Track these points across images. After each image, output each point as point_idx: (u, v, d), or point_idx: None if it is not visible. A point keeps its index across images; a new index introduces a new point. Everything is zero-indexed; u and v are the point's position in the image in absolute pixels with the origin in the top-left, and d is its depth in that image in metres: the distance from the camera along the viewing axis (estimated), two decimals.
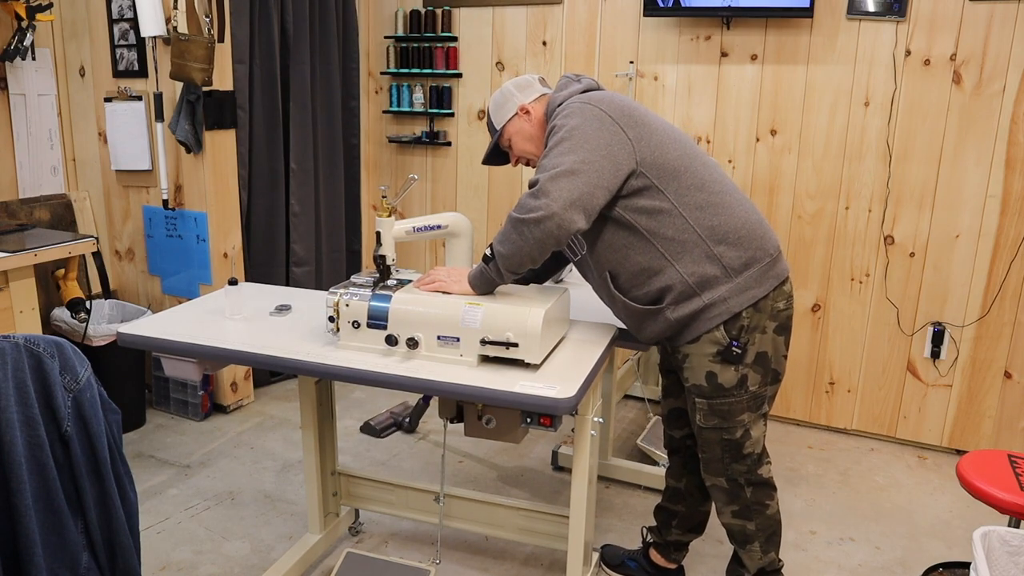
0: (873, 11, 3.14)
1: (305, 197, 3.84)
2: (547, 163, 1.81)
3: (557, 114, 1.90)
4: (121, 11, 3.38)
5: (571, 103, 1.90)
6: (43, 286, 3.21)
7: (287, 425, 3.50)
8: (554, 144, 1.83)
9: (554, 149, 1.82)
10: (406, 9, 4.03)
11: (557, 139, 1.83)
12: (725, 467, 2.02)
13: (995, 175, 3.08)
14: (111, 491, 1.32)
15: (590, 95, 1.92)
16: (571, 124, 1.83)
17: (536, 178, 1.80)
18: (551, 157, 1.81)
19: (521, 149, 2.06)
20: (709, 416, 1.97)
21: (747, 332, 1.90)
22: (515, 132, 2.05)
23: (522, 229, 1.78)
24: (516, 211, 1.80)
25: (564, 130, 1.83)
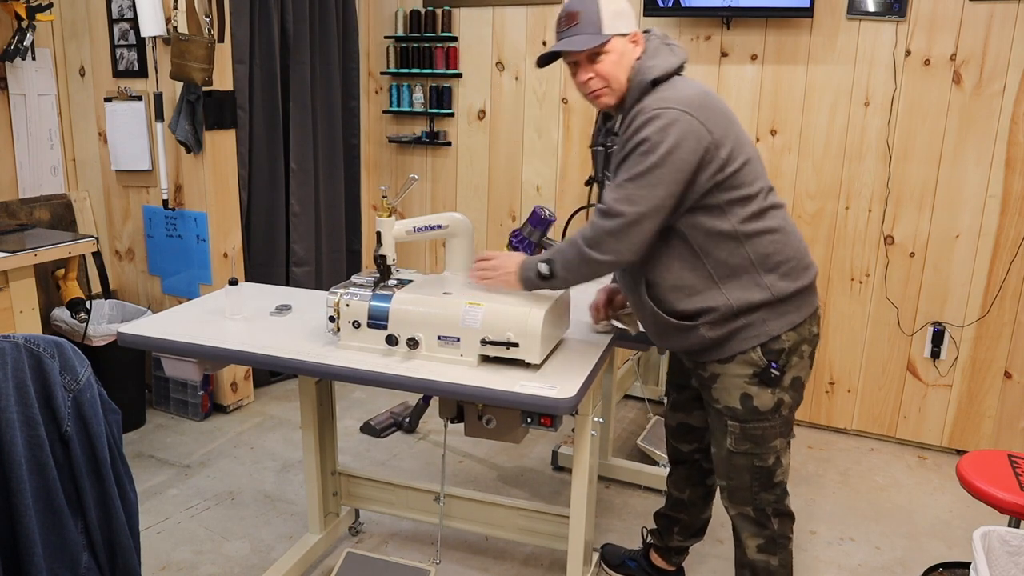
0: (873, 11, 3.13)
1: (305, 197, 3.84)
2: (633, 191, 1.69)
3: (655, 115, 1.69)
4: (121, 11, 3.38)
5: (672, 110, 1.69)
6: (43, 286, 3.21)
7: (287, 425, 3.50)
8: (645, 166, 1.68)
9: (646, 175, 1.69)
10: (406, 9, 4.03)
11: (649, 163, 1.68)
12: (753, 496, 1.94)
13: (995, 175, 3.08)
14: (111, 491, 1.32)
15: (691, 98, 1.73)
16: (668, 144, 1.67)
17: (617, 208, 1.71)
18: (639, 184, 1.69)
19: (608, 73, 1.78)
20: (741, 440, 1.88)
21: (786, 355, 1.84)
22: (618, 53, 1.78)
23: (594, 266, 1.76)
24: (590, 246, 1.74)
25: (659, 152, 1.67)
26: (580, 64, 1.81)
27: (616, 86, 1.79)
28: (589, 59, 1.78)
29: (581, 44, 1.76)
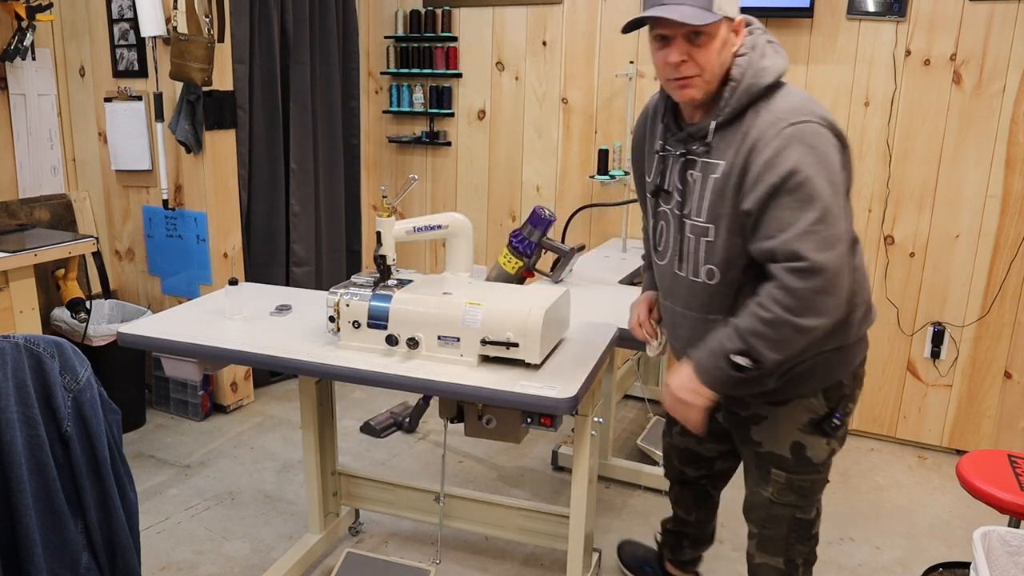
0: (873, 11, 3.13)
1: (305, 197, 3.84)
2: (825, 233, 1.42)
3: (797, 132, 1.45)
4: (121, 11, 3.38)
5: (812, 123, 1.47)
6: (43, 286, 3.21)
7: (287, 425, 3.50)
8: (817, 213, 1.42)
9: (824, 219, 1.42)
10: (406, 9, 4.03)
11: (821, 210, 1.42)
12: (788, 547, 1.79)
13: (995, 175, 3.08)
14: (111, 491, 1.32)
15: (820, 110, 1.52)
16: (829, 165, 1.45)
17: (819, 261, 1.41)
18: (827, 222, 1.43)
19: (706, 61, 1.50)
20: (786, 492, 1.71)
21: (846, 402, 1.68)
22: (721, 40, 1.51)
23: (811, 335, 1.47)
24: (801, 314, 1.43)
25: (826, 192, 1.43)
26: (674, 41, 1.49)
27: (709, 78, 1.52)
28: (688, 38, 1.48)
29: (692, 16, 1.44)
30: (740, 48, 1.54)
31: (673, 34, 1.49)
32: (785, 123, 1.46)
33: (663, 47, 1.53)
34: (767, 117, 1.49)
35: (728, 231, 1.55)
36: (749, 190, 1.48)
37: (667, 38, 1.51)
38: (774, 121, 1.48)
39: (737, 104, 1.52)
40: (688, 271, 1.65)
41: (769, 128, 1.47)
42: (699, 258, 1.61)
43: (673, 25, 1.47)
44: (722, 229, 1.56)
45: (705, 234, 1.59)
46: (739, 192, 1.51)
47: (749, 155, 1.48)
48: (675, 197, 1.64)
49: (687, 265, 1.65)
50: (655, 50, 1.55)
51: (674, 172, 1.63)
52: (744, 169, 1.49)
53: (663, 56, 1.53)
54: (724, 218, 1.54)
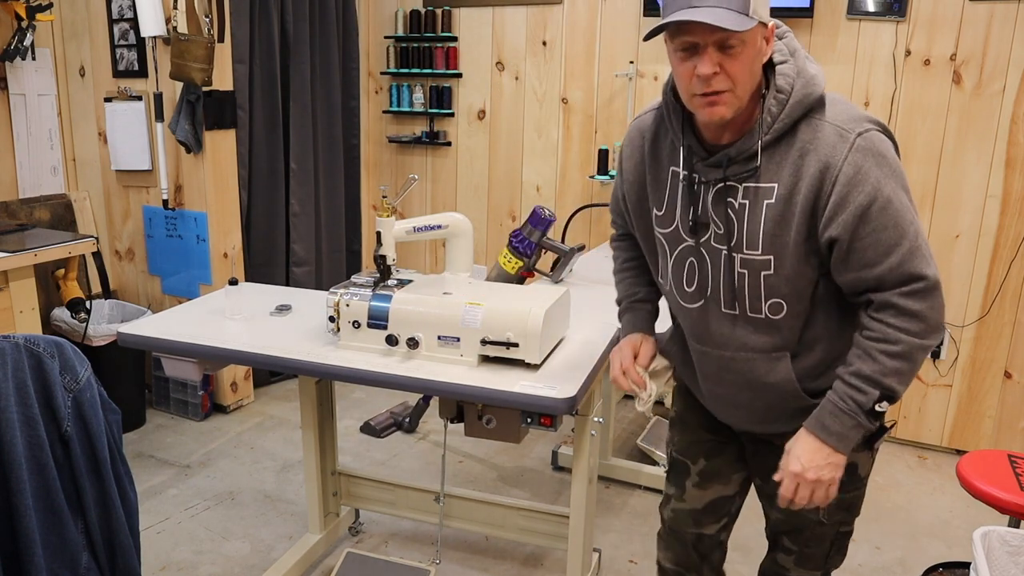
0: (873, 11, 3.14)
1: (305, 197, 3.84)
2: (923, 243, 1.32)
3: (868, 142, 1.31)
4: (121, 11, 3.38)
5: (873, 131, 1.34)
6: (43, 286, 3.21)
7: (287, 425, 3.50)
8: (913, 228, 1.32)
9: (919, 232, 1.32)
10: (406, 9, 4.03)
11: (915, 223, 1.32)
12: (826, 561, 1.70)
13: (995, 175, 3.08)
14: (111, 491, 1.32)
15: (878, 120, 1.38)
16: (904, 191, 1.33)
17: (934, 275, 1.32)
18: (919, 232, 1.32)
19: (739, 73, 1.30)
20: (836, 512, 1.60)
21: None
22: (755, 49, 1.31)
23: (920, 358, 1.36)
24: (930, 334, 1.33)
25: (909, 204, 1.33)
26: (704, 50, 1.28)
27: (741, 93, 1.31)
28: (720, 46, 1.27)
29: (730, 21, 1.24)
30: (774, 55, 1.36)
31: (704, 42, 1.27)
32: (853, 134, 1.31)
33: (689, 57, 1.30)
34: (829, 129, 1.32)
35: (796, 260, 1.36)
36: (833, 215, 1.31)
37: (695, 47, 1.28)
38: (841, 133, 1.31)
39: (789, 118, 1.33)
40: (743, 309, 1.44)
41: (839, 143, 1.31)
42: (760, 293, 1.41)
43: (704, 31, 1.26)
44: (787, 259, 1.36)
45: (766, 267, 1.38)
46: (812, 217, 1.33)
47: (821, 175, 1.31)
48: (712, 230, 1.42)
49: (741, 304, 1.44)
50: (679, 61, 1.32)
51: (707, 202, 1.42)
52: (817, 191, 1.31)
53: (690, 68, 1.30)
54: (788, 247, 1.35)
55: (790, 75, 1.34)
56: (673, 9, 1.28)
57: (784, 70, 1.35)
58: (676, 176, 1.47)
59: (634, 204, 1.58)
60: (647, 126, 1.55)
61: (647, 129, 1.54)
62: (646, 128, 1.54)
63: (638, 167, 1.55)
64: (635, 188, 1.56)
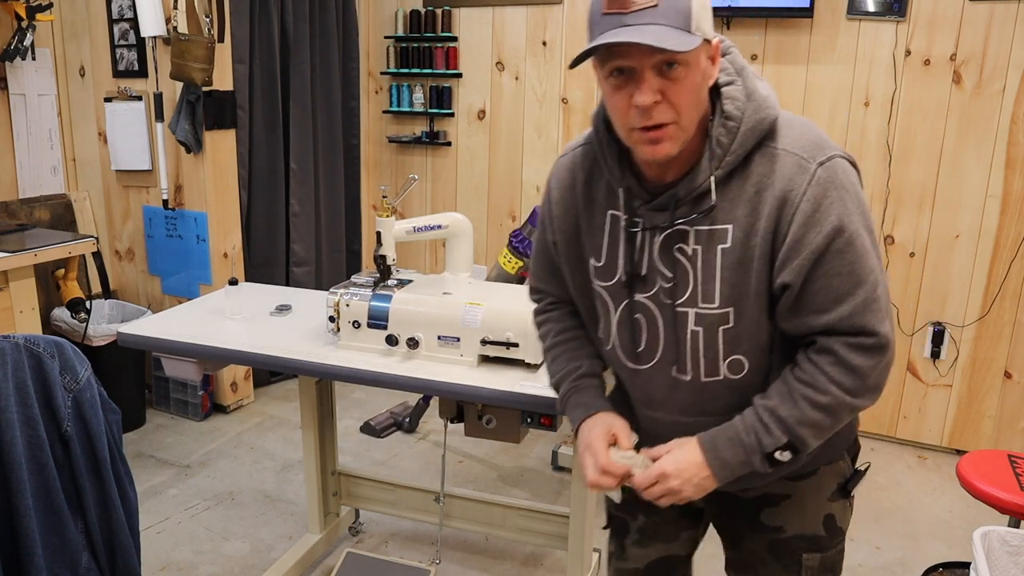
0: (873, 11, 3.13)
1: (305, 197, 3.84)
2: (882, 297, 1.16)
3: (829, 181, 1.14)
4: (121, 11, 3.38)
5: (837, 158, 1.17)
6: (43, 286, 3.21)
7: (287, 425, 3.50)
8: (872, 276, 1.15)
9: (878, 281, 1.16)
10: (406, 9, 4.03)
11: (874, 271, 1.15)
12: None
13: (995, 175, 3.08)
14: (111, 491, 1.32)
15: (838, 146, 1.21)
16: (866, 230, 1.16)
17: (886, 334, 1.16)
18: (879, 285, 1.16)
19: (683, 100, 1.10)
20: (820, 572, 1.44)
21: (858, 450, 1.43)
22: (701, 72, 1.12)
23: (856, 413, 1.27)
24: (861, 394, 1.18)
25: (871, 246, 1.16)
26: (641, 76, 1.08)
27: (687, 124, 1.13)
28: (659, 70, 1.08)
29: (670, 40, 1.04)
30: (720, 76, 1.17)
31: (641, 66, 1.07)
32: (814, 164, 1.14)
33: (624, 84, 1.10)
34: (788, 159, 1.14)
35: (757, 311, 1.19)
36: (788, 257, 1.14)
37: (629, 72, 1.09)
38: (799, 164, 1.14)
39: (742, 148, 1.15)
40: (699, 371, 1.25)
41: (797, 174, 1.14)
42: (717, 352, 1.22)
43: (641, 54, 1.06)
44: (748, 310, 1.19)
45: (724, 321, 1.20)
46: (771, 260, 1.16)
47: (779, 212, 1.13)
48: (659, 283, 1.22)
49: (695, 365, 1.24)
50: (611, 90, 1.12)
51: (653, 250, 1.22)
52: (774, 231, 1.14)
53: (625, 97, 1.10)
54: (749, 296, 1.18)
55: (739, 98, 1.16)
56: (602, 29, 1.07)
57: (732, 93, 1.16)
58: (616, 221, 1.26)
59: (568, 255, 1.35)
60: (578, 163, 1.32)
61: (578, 167, 1.32)
62: (577, 166, 1.32)
63: (570, 212, 1.32)
64: (568, 237, 1.33)
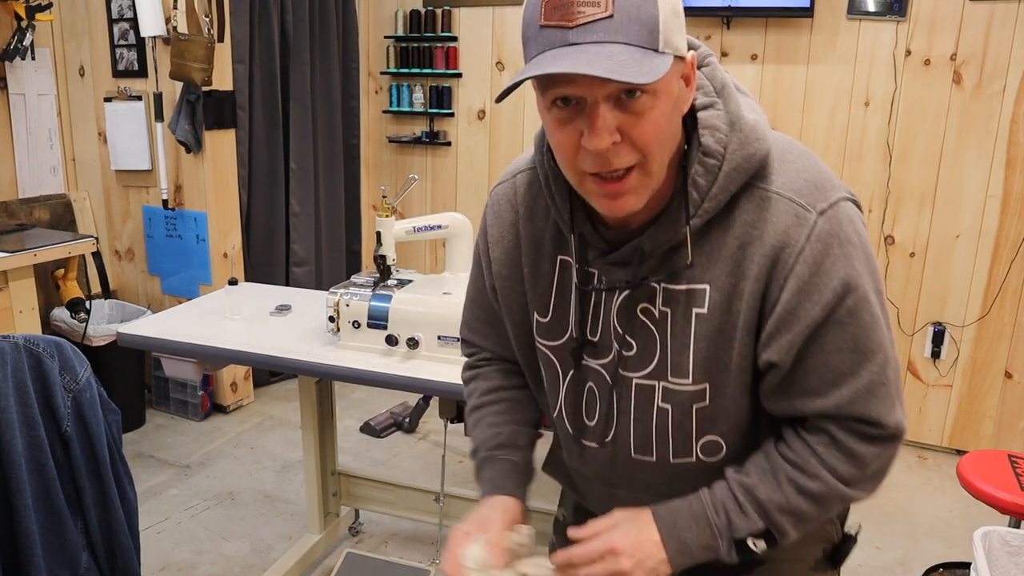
0: (873, 11, 3.13)
1: (305, 197, 3.84)
2: (893, 379, 0.94)
3: (831, 235, 0.89)
4: (121, 11, 3.38)
5: (843, 201, 0.91)
6: (43, 286, 3.21)
7: (287, 425, 3.50)
8: (881, 354, 0.91)
9: (888, 358, 0.92)
10: (406, 9, 4.03)
11: (884, 344, 0.92)
12: None
13: (995, 175, 3.08)
14: (111, 491, 1.32)
15: (842, 184, 0.94)
16: (875, 291, 0.92)
17: (901, 422, 0.96)
18: (892, 364, 0.93)
19: (652, 137, 0.84)
20: None
21: (849, 512, 1.22)
22: (672, 98, 0.86)
23: (834, 507, 1.01)
24: (861, 485, 0.99)
25: (880, 312, 0.92)
26: (592, 108, 0.82)
27: (657, 168, 0.87)
28: (616, 100, 0.82)
29: (632, 67, 0.78)
30: (696, 98, 0.91)
31: (591, 97, 0.81)
32: (814, 213, 0.89)
33: (571, 118, 0.83)
34: (781, 206, 0.90)
35: (738, 388, 0.96)
36: (777, 331, 0.91)
37: (576, 102, 0.82)
38: (795, 213, 0.89)
39: (724, 193, 0.90)
40: (667, 452, 1.01)
41: (793, 226, 0.89)
42: (689, 433, 0.99)
43: (592, 82, 0.79)
44: (727, 387, 0.95)
45: (699, 399, 0.96)
46: (756, 331, 0.93)
47: (768, 273, 0.90)
48: (618, 349, 0.99)
49: (662, 446, 1.01)
50: (554, 124, 0.85)
51: (611, 311, 0.98)
52: (762, 295, 0.91)
53: (572, 135, 0.84)
54: (730, 371, 0.94)
55: (720, 128, 0.90)
56: (539, 48, 0.81)
57: (711, 121, 0.90)
58: (566, 269, 1.01)
59: (509, 304, 1.09)
60: (520, 193, 1.06)
61: (520, 198, 1.06)
62: (519, 197, 1.06)
63: (511, 254, 1.07)
64: (509, 283, 1.08)
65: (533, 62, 0.81)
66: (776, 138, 0.95)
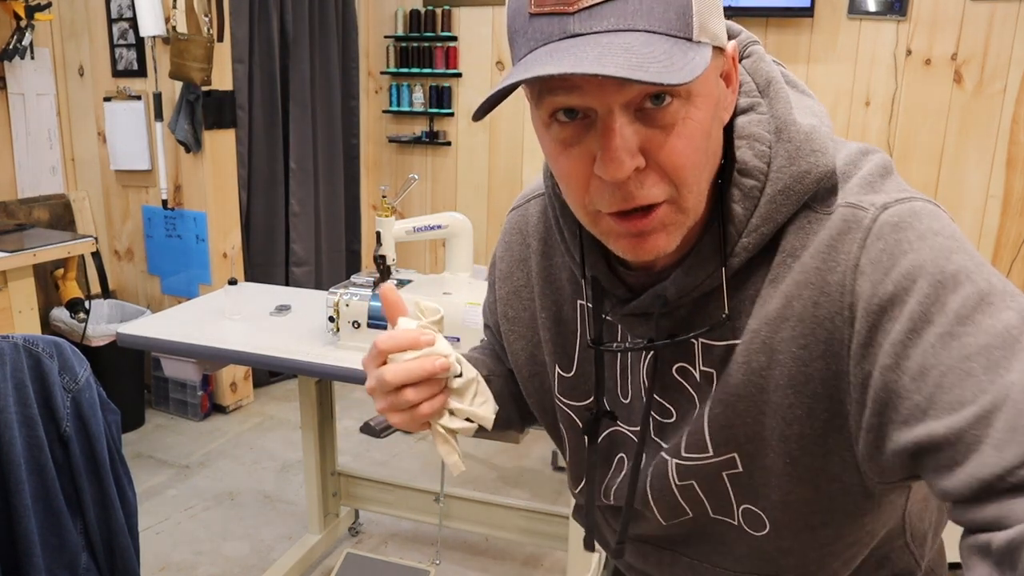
0: (874, 10, 3.13)
1: (305, 197, 3.84)
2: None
3: (904, 231, 0.64)
4: (120, 10, 3.38)
5: (917, 200, 0.69)
6: (42, 286, 3.21)
7: (287, 425, 3.50)
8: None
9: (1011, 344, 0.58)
10: (406, 8, 4.03)
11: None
12: None
13: (996, 175, 3.08)
14: (110, 492, 1.31)
15: (921, 196, 0.71)
16: (987, 271, 0.62)
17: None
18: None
19: (680, 161, 0.62)
20: None
21: None
22: (713, 102, 0.64)
23: None
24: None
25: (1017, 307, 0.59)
26: (606, 123, 0.61)
27: (692, 200, 0.66)
28: (638, 109, 0.61)
29: (659, 62, 0.57)
30: (739, 100, 0.71)
31: (602, 107, 0.61)
32: (872, 209, 0.67)
33: (575, 138, 0.63)
34: (833, 217, 0.67)
35: (779, 461, 0.72)
36: (866, 348, 0.64)
37: (584, 115, 0.62)
38: (844, 217, 0.67)
39: (769, 224, 0.68)
40: (702, 511, 0.81)
41: (842, 232, 0.66)
42: (724, 495, 0.78)
43: (605, 88, 0.60)
44: (765, 458, 0.73)
45: (730, 467, 0.75)
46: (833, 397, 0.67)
47: (814, 304, 0.66)
48: (652, 415, 0.79)
49: (696, 506, 0.80)
50: (555, 147, 0.65)
51: (639, 371, 0.79)
52: (816, 339, 0.67)
53: (580, 162, 0.64)
54: (763, 440, 0.72)
55: (762, 137, 0.69)
56: (531, 43, 0.61)
57: (750, 129, 0.69)
58: (588, 316, 0.82)
59: (514, 352, 0.91)
60: (532, 225, 0.88)
61: (532, 231, 0.88)
62: (531, 229, 0.88)
63: (520, 294, 0.89)
64: (516, 328, 0.90)
65: (522, 62, 0.61)
66: (851, 150, 0.73)
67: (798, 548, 0.76)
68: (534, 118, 0.67)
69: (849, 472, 0.69)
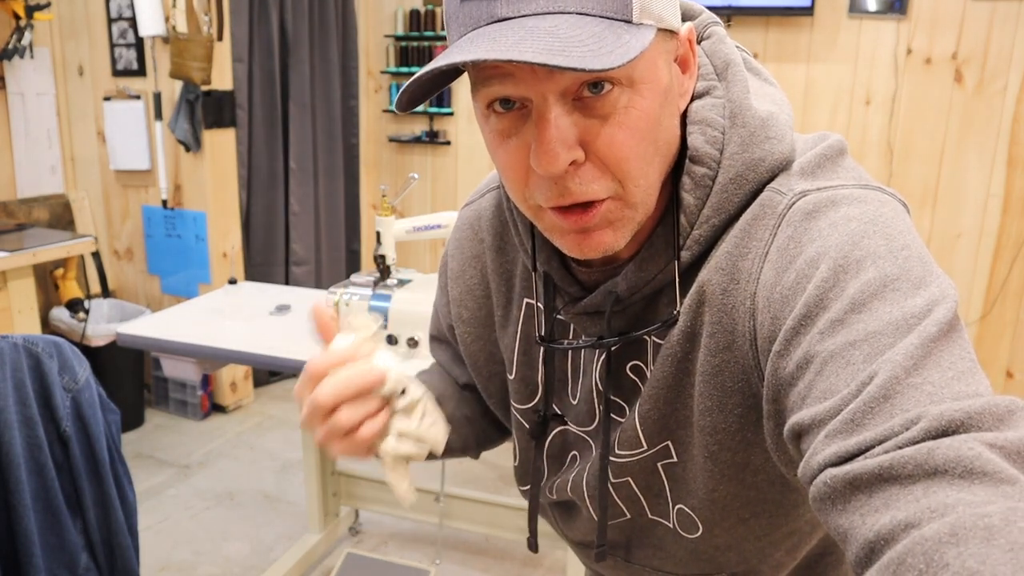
0: (874, 9, 3.13)
1: (305, 197, 3.84)
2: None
3: (815, 215, 0.61)
4: (120, 10, 3.37)
5: (875, 191, 0.62)
6: (42, 286, 3.20)
7: (287, 425, 3.49)
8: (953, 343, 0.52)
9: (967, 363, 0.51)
10: (406, 8, 4.03)
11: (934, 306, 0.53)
12: None
13: (997, 174, 3.08)
14: (110, 491, 1.31)
15: (878, 185, 0.64)
16: (912, 238, 0.58)
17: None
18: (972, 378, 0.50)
19: (625, 152, 0.58)
20: None
21: None
22: (661, 88, 0.60)
23: None
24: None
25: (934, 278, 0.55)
26: (541, 111, 0.57)
27: (641, 194, 0.62)
28: (576, 98, 0.58)
29: (588, 46, 0.53)
30: (696, 85, 0.67)
31: (537, 95, 0.58)
32: (789, 195, 0.64)
33: (513, 128, 0.60)
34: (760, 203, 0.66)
35: (702, 452, 0.71)
36: (774, 336, 0.60)
37: (521, 105, 0.59)
38: (762, 201, 0.65)
39: (721, 214, 0.65)
40: (639, 510, 0.79)
41: (757, 217, 0.65)
42: (661, 492, 0.76)
43: (538, 75, 0.56)
44: (691, 447, 0.72)
45: (664, 456, 0.74)
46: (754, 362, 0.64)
47: (725, 292, 0.65)
48: (602, 417, 0.76)
49: (633, 506, 0.79)
50: (494, 137, 0.62)
51: (592, 370, 0.76)
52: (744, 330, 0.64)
53: (517, 152, 0.61)
54: (690, 428, 0.71)
55: (716, 123, 0.65)
56: (462, 28, 0.59)
57: (703, 113, 0.65)
58: (532, 316, 0.80)
59: (472, 356, 0.87)
60: (486, 220, 0.83)
61: (486, 226, 0.83)
62: (484, 223, 0.84)
63: (473, 293, 0.85)
64: (472, 330, 0.86)
65: (452, 50, 0.57)
66: (806, 139, 0.69)
67: (734, 543, 0.74)
68: (475, 109, 0.63)
69: (772, 464, 0.67)
